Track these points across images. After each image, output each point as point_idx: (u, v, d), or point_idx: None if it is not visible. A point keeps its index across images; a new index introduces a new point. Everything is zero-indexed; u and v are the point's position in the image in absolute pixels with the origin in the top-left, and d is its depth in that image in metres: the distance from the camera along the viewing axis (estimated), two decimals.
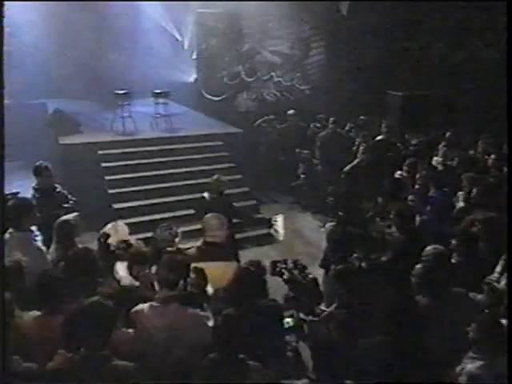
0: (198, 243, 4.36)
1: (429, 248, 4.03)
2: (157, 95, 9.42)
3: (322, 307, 3.84)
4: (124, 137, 8.83)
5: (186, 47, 12.49)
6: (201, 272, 3.78)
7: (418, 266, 3.78)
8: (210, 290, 3.66)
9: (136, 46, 12.13)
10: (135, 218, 7.54)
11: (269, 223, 5.84)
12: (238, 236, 7.39)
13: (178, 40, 12.95)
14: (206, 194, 5.86)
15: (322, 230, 7.42)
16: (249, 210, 7.81)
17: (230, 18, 10.88)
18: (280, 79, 11.26)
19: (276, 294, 3.82)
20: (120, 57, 12.13)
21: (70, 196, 5.79)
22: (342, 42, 11.05)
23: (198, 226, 6.40)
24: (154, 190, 8.03)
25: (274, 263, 3.94)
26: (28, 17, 11.08)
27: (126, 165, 8.17)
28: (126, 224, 7.38)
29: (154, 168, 8.28)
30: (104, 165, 8.08)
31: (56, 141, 8.40)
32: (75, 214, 4.76)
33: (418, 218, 5.19)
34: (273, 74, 11.22)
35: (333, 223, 5.60)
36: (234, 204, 6.27)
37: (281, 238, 5.78)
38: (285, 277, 3.82)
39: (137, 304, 3.13)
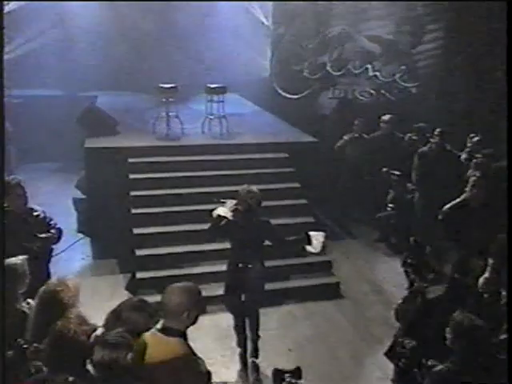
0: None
1: None
2: (211, 91, 8.48)
3: None
4: (164, 142, 8.05)
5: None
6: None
7: None
8: None
9: (212, 30, 11.71)
10: (161, 248, 6.70)
11: (307, 238, 4.88)
12: (284, 285, 6.44)
13: (263, 23, 12.20)
14: (225, 212, 4.93)
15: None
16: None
17: None
18: (377, 73, 9.96)
19: None
20: (191, 43, 11.76)
21: (53, 222, 4.96)
22: (467, 23, 9.26)
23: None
24: (191, 212, 7.04)
25: (281, 374, 3.06)
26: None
27: (158, 178, 7.33)
28: (150, 256, 6.82)
29: (193, 184, 7.36)
30: (132, 176, 7.31)
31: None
32: (23, 256, 3.85)
33: None
34: (369, 66, 9.98)
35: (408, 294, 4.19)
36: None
37: (314, 251, 4.86)
38: None
39: None
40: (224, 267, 5.27)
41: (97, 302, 5.90)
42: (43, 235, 4.82)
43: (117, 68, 11.19)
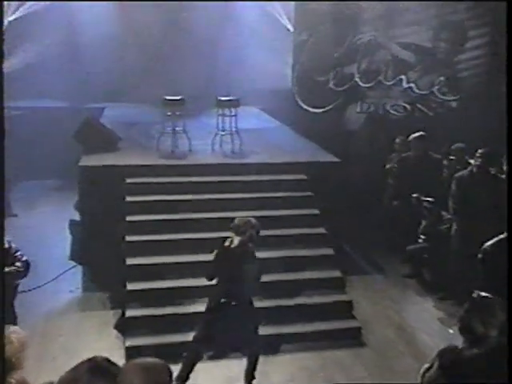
0: None
1: None
2: (222, 104, 8.07)
3: None
4: (167, 160, 7.64)
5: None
6: None
7: None
8: None
9: (229, 36, 11.61)
10: (157, 282, 6.20)
11: None
12: (294, 329, 5.91)
13: (288, 30, 11.85)
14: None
15: (451, 332, 5.57)
16: None
17: None
18: (413, 85, 9.52)
19: None
20: (206, 50, 11.62)
21: (19, 255, 4.54)
22: None
23: None
24: (195, 241, 6.57)
25: None
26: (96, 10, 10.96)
27: (158, 201, 6.88)
28: (143, 291, 6.31)
29: (198, 208, 6.89)
30: (129, 199, 6.88)
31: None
32: None
33: None
34: (402, 77, 9.58)
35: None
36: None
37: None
38: None
39: None
40: None
41: (81, 343, 5.52)
42: (6, 269, 4.37)
43: (127, 78, 11.00)
